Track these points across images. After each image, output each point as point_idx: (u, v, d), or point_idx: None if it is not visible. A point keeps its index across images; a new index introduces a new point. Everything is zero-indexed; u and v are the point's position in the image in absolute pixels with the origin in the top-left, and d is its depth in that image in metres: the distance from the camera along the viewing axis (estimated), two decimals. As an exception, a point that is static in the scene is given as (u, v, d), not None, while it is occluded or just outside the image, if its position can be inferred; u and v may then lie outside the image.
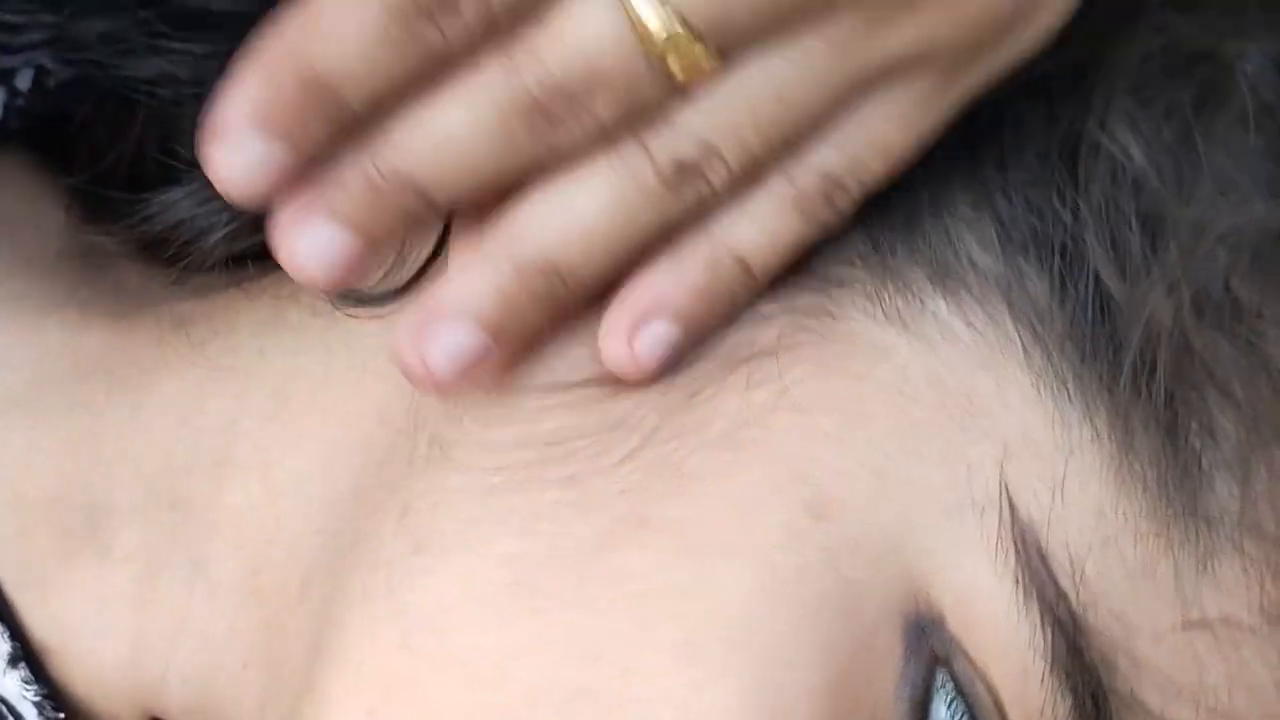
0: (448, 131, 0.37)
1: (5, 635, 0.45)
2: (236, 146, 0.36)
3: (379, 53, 0.35)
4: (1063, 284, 0.40)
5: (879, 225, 0.40)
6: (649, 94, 0.36)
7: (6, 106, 0.50)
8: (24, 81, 0.51)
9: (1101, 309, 0.39)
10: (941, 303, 0.40)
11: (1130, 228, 0.40)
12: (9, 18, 0.47)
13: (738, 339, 0.40)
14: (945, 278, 0.40)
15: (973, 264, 0.40)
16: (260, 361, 0.45)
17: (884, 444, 0.38)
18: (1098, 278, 0.39)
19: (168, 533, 0.45)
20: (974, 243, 0.40)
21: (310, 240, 0.37)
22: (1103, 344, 0.39)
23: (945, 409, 0.39)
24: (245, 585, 0.44)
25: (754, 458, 0.38)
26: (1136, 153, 0.40)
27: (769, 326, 0.40)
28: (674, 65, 0.36)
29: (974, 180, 0.40)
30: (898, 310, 0.40)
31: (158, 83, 0.46)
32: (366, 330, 0.44)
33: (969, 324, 0.39)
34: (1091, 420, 0.39)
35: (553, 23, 0.36)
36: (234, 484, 0.44)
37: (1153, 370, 0.39)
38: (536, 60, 0.36)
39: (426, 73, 0.36)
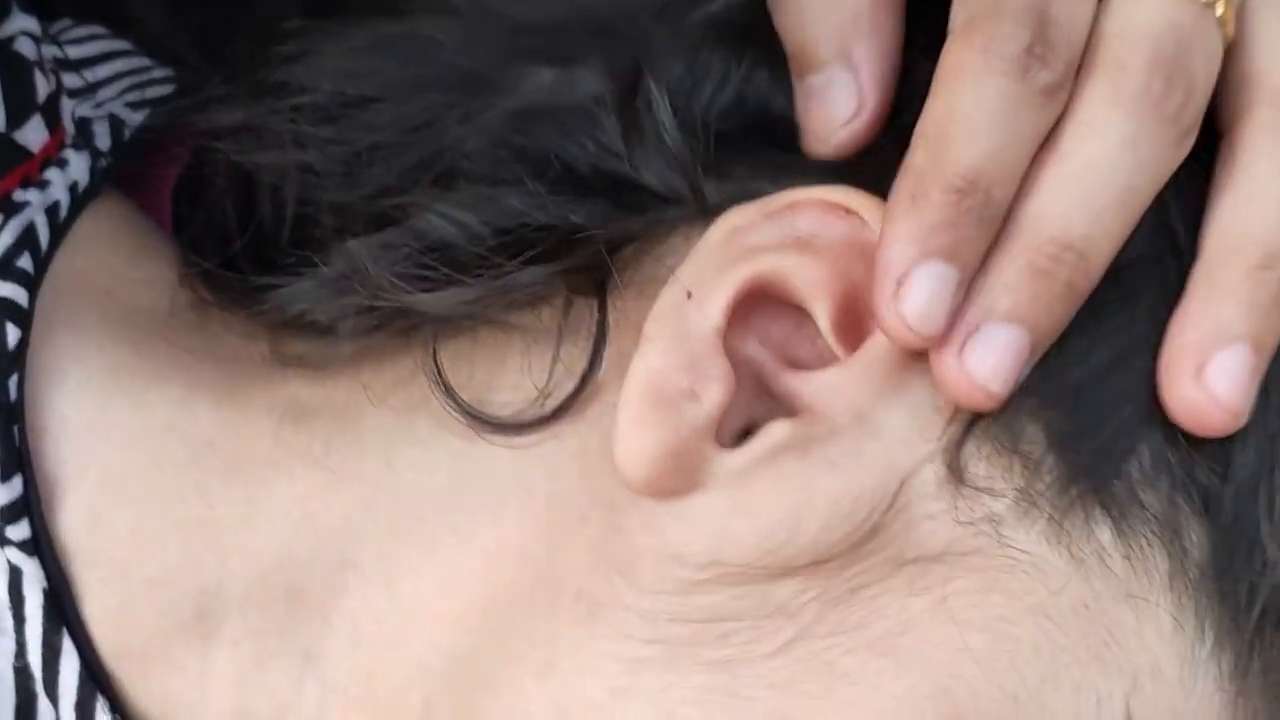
0: (1095, 180, 0.39)
1: (106, 708, 0.46)
2: (915, 285, 0.38)
3: (1013, 125, 0.39)
4: (1216, 525, 0.41)
5: (1078, 450, 0.40)
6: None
7: (92, 170, 0.50)
8: (103, 139, 0.51)
9: (1247, 555, 0.41)
10: (1108, 532, 0.40)
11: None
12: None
13: (907, 537, 0.40)
14: (1112, 506, 0.40)
15: (1139, 500, 0.41)
16: (388, 474, 0.45)
17: (1024, 669, 0.39)
18: (1252, 521, 0.41)
19: (279, 623, 0.45)
20: (1145, 481, 0.41)
21: (987, 353, 0.39)
22: (1244, 588, 0.40)
23: (1086, 639, 0.40)
24: (359, 689, 0.44)
25: (905, 668, 0.39)
26: None
27: (940, 529, 0.40)
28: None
29: (1155, 425, 0.41)
30: (1069, 533, 0.40)
31: (289, 170, 0.47)
32: (500, 458, 0.43)
33: (1126, 556, 0.40)
34: (1219, 663, 0.40)
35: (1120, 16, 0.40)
36: (355, 588, 0.44)
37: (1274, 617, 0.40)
38: (1143, 70, 0.39)
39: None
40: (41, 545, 0.46)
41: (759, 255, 0.41)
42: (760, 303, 0.41)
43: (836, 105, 0.42)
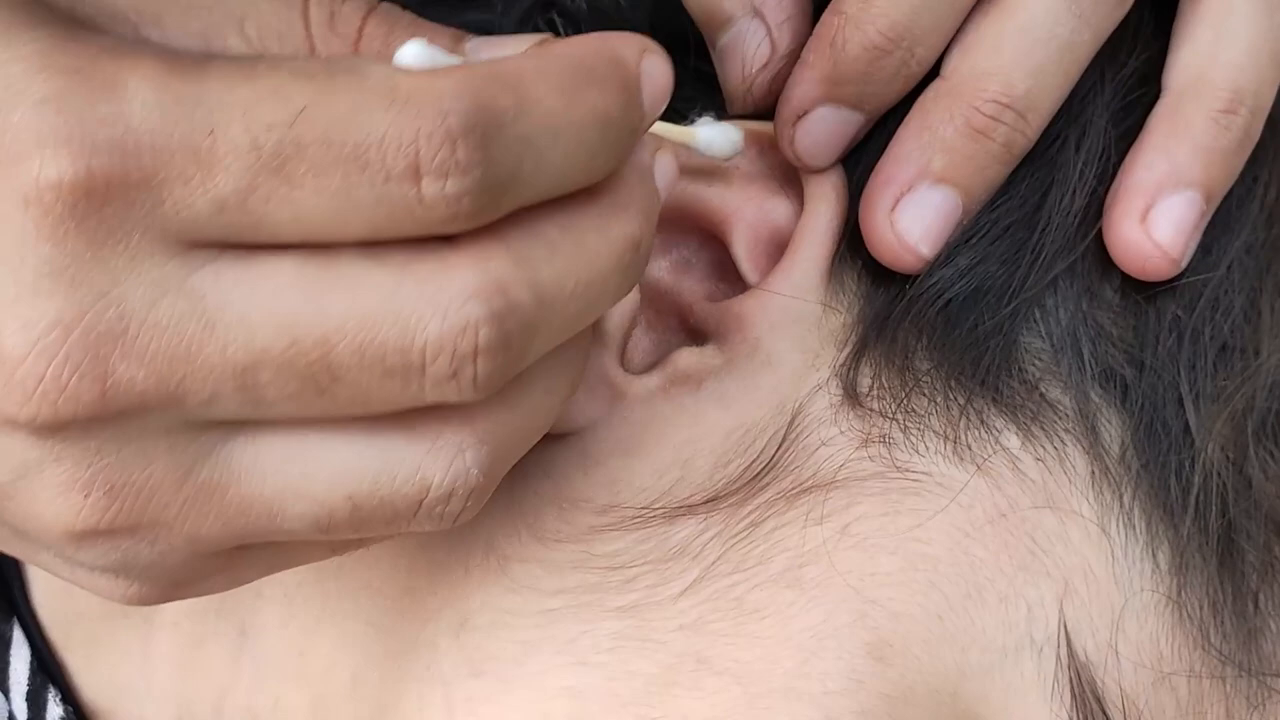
0: (1037, 35, 0.38)
1: (58, 699, 0.46)
2: (812, 120, 0.39)
3: None
4: (1138, 417, 0.39)
5: (960, 361, 0.39)
6: None
7: None
8: None
9: (1174, 441, 0.39)
10: (1014, 438, 0.39)
11: (1205, 357, 0.39)
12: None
13: (801, 466, 0.39)
14: (1018, 412, 0.39)
15: (1047, 401, 0.39)
16: None
17: (945, 587, 0.38)
18: (1177, 408, 0.39)
19: (216, 600, 0.44)
20: (1050, 378, 0.39)
21: (920, 213, 0.39)
22: (1172, 476, 0.39)
23: (1007, 548, 0.38)
24: (290, 664, 0.44)
25: (815, 598, 0.38)
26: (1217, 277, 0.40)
27: (835, 454, 0.39)
28: None
29: (1051, 314, 0.39)
30: (969, 446, 0.39)
31: None
32: None
33: (1039, 459, 0.39)
34: (1154, 555, 0.39)
35: None
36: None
37: (1216, 503, 0.38)
38: None
39: None
40: None
41: (679, 181, 0.40)
42: (683, 232, 0.41)
43: (748, 55, 0.40)
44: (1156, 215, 0.39)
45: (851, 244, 0.40)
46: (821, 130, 0.40)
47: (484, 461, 0.33)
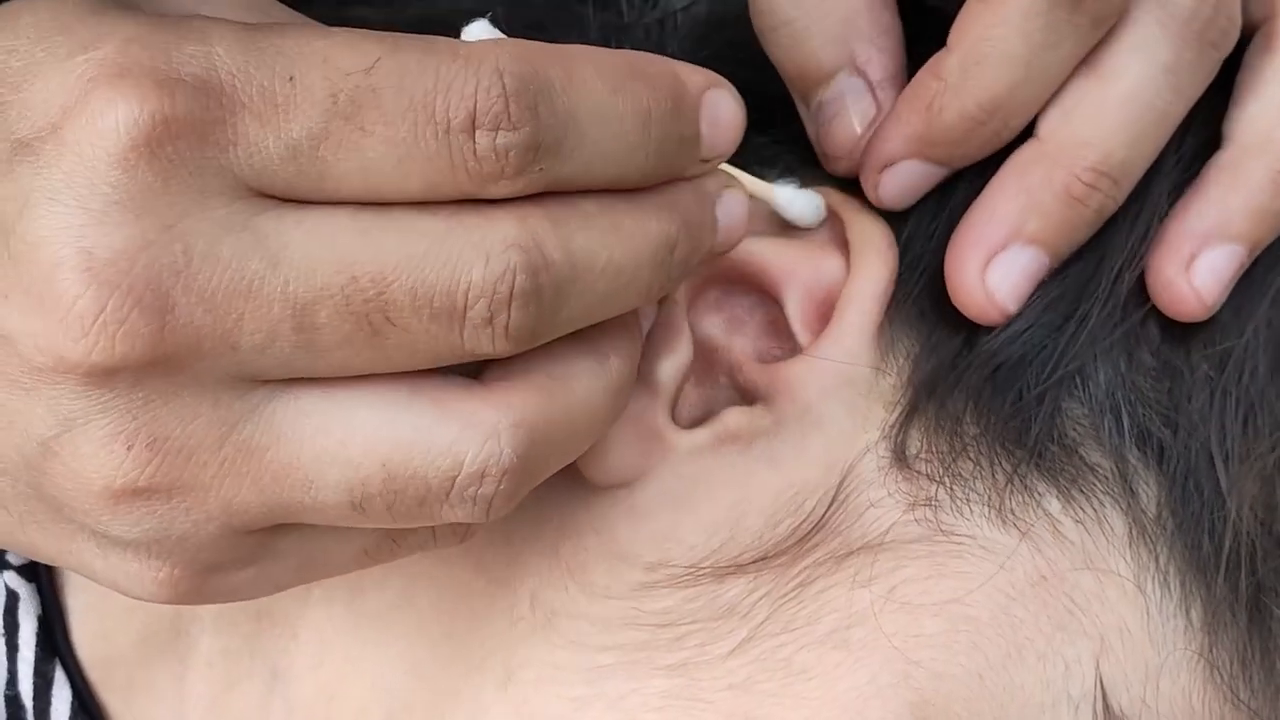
0: (1138, 106, 0.39)
1: None
2: (898, 173, 0.40)
3: (1054, 57, 0.38)
4: (1173, 478, 0.40)
5: (1007, 427, 0.40)
6: None
7: None
8: None
9: (1206, 501, 0.40)
10: (1056, 501, 0.40)
11: (1235, 417, 0.40)
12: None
13: (850, 528, 0.40)
14: (1059, 476, 0.40)
15: (1088, 465, 0.40)
16: None
17: (986, 647, 0.39)
18: (1210, 468, 0.40)
19: (250, 641, 0.45)
20: (1090, 443, 0.40)
21: (1010, 272, 0.39)
22: (1205, 535, 0.40)
23: (1047, 609, 0.39)
24: (320, 708, 0.44)
25: (861, 659, 0.39)
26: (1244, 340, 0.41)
27: (883, 516, 0.40)
28: None
29: (1092, 378, 0.40)
30: (1013, 510, 0.40)
31: None
32: None
33: (1079, 522, 0.40)
34: (1187, 612, 0.40)
35: None
36: (319, 602, 0.44)
37: (1246, 562, 0.40)
38: None
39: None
40: (39, 570, 0.47)
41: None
42: (736, 288, 0.42)
43: (853, 115, 0.41)
44: (1200, 264, 0.40)
45: (904, 305, 0.41)
46: (906, 181, 0.40)
47: (519, 445, 0.34)
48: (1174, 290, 0.40)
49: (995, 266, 0.40)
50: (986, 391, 0.40)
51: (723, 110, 0.36)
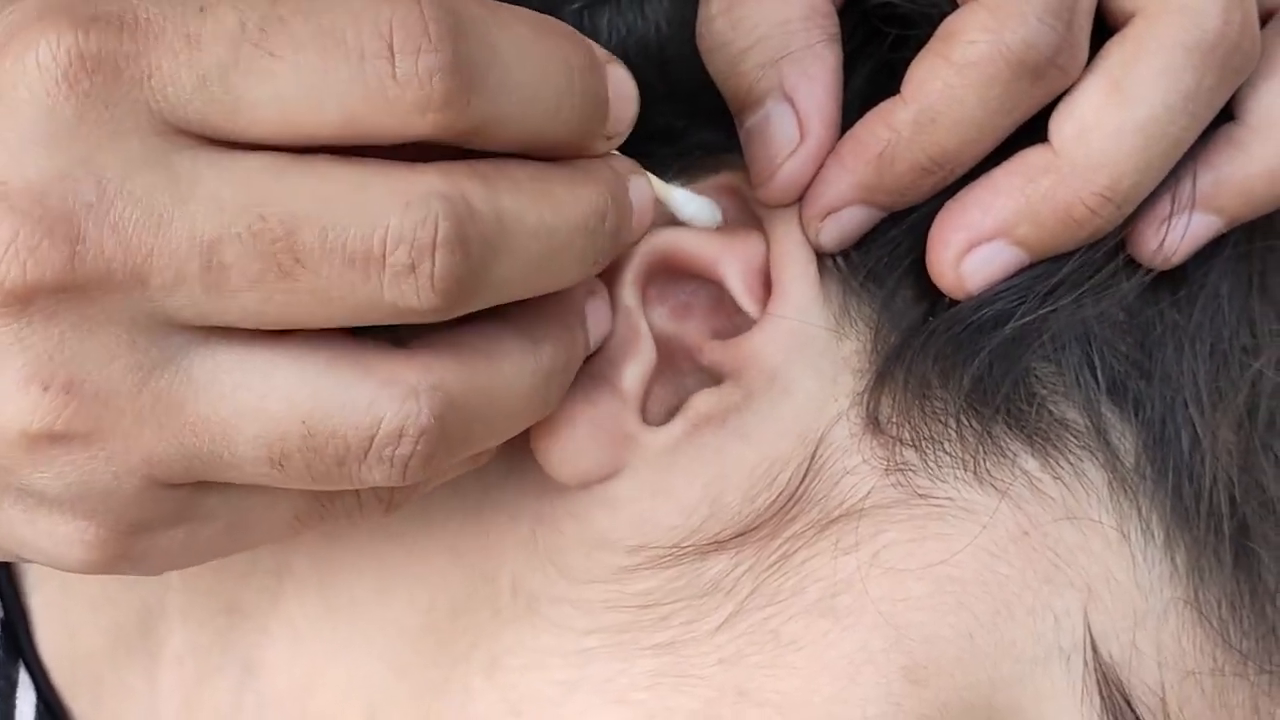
0: (1156, 132, 0.38)
1: None
2: (843, 217, 0.40)
3: (1008, 119, 0.38)
4: (1149, 426, 0.40)
5: (974, 389, 0.40)
6: None
7: None
8: None
9: (1183, 447, 0.40)
10: (1032, 460, 0.40)
11: (1205, 360, 0.40)
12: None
13: (828, 496, 0.39)
14: (1033, 434, 0.40)
15: (1061, 421, 0.40)
16: None
17: (973, 605, 0.39)
18: (1185, 414, 0.40)
19: (221, 636, 0.45)
20: (1061, 399, 0.40)
21: (988, 265, 0.39)
22: (1184, 481, 0.40)
23: (1032, 563, 0.39)
24: (296, 703, 0.44)
25: (850, 626, 0.39)
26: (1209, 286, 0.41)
27: (860, 483, 0.40)
28: None
29: (1059, 336, 0.40)
30: (989, 471, 0.39)
31: None
32: None
33: (1057, 478, 0.40)
34: (1172, 559, 0.40)
35: None
36: (292, 593, 0.44)
37: (1226, 506, 0.39)
38: (1219, 14, 0.38)
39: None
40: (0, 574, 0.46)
41: (654, 233, 0.40)
42: (677, 278, 0.41)
43: (776, 141, 0.40)
44: (1177, 227, 0.40)
45: (860, 271, 0.41)
46: (849, 225, 0.40)
47: (435, 407, 0.34)
48: (1144, 248, 0.40)
49: (975, 254, 0.39)
50: (952, 354, 0.40)
51: (623, 84, 0.37)
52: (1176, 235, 0.40)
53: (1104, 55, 0.39)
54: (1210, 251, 0.41)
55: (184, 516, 0.35)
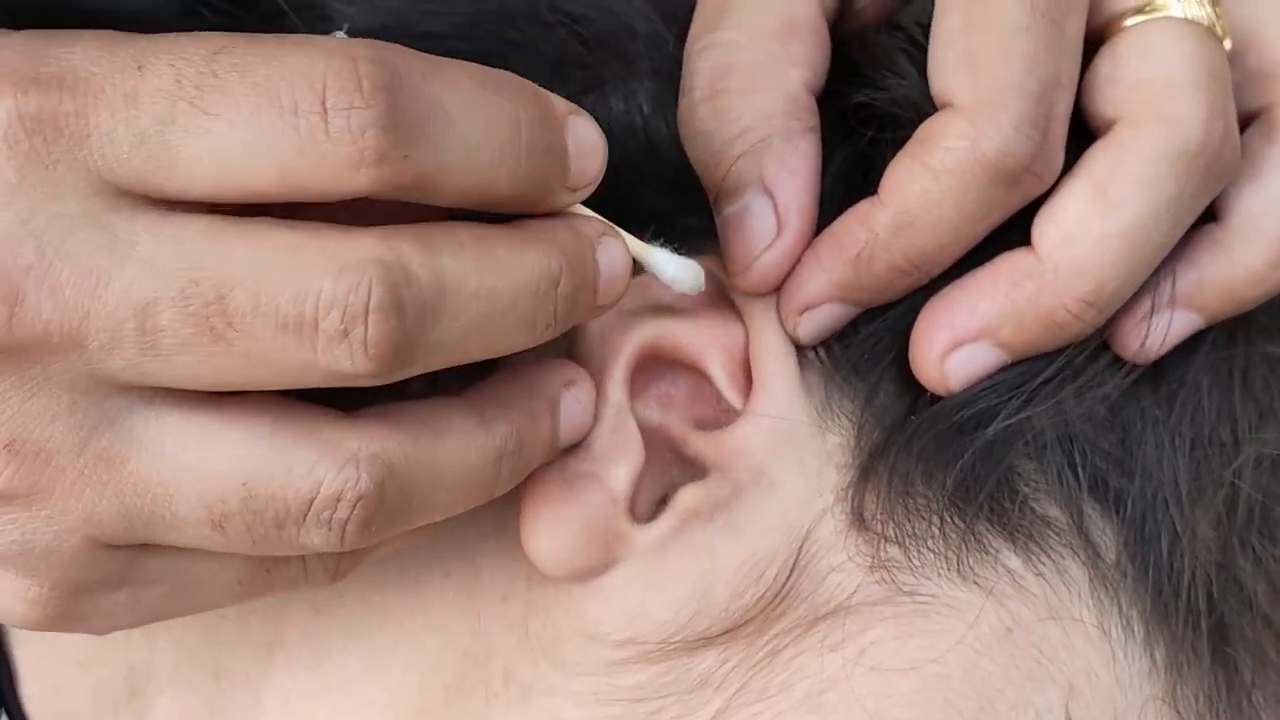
0: (1139, 239, 0.39)
1: None
2: (820, 314, 0.40)
3: (984, 223, 0.39)
4: (1129, 523, 0.41)
5: (957, 487, 0.40)
6: None
7: None
8: None
9: (1163, 543, 0.40)
10: (1014, 557, 0.40)
11: (1185, 456, 0.41)
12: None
13: (814, 594, 0.40)
14: (1015, 532, 0.40)
15: (1043, 519, 0.40)
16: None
17: (958, 702, 0.39)
18: (1164, 510, 0.40)
19: (210, 702, 0.45)
20: (1044, 497, 0.41)
21: (970, 365, 0.40)
22: (1163, 577, 0.40)
23: (1015, 660, 0.40)
24: None
25: None
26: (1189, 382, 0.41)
27: (846, 580, 0.40)
28: None
29: (1041, 435, 0.40)
30: (972, 569, 0.40)
31: None
32: (415, 540, 0.43)
33: (1039, 574, 0.40)
34: (1151, 654, 0.40)
35: None
36: (283, 666, 0.44)
37: (1204, 602, 0.40)
38: (1200, 123, 0.38)
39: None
40: None
41: (643, 322, 0.41)
42: (657, 367, 0.41)
43: (754, 232, 0.40)
44: (1158, 325, 0.41)
45: (843, 366, 0.41)
46: (826, 321, 0.41)
47: (375, 474, 0.34)
48: (1125, 345, 0.41)
49: (958, 354, 0.40)
50: (936, 452, 0.40)
51: (586, 135, 0.37)
52: (1159, 334, 0.40)
53: (1087, 161, 0.39)
54: (1191, 348, 0.41)
55: (126, 579, 0.36)
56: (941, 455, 0.40)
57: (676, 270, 0.39)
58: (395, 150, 0.33)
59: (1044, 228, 0.39)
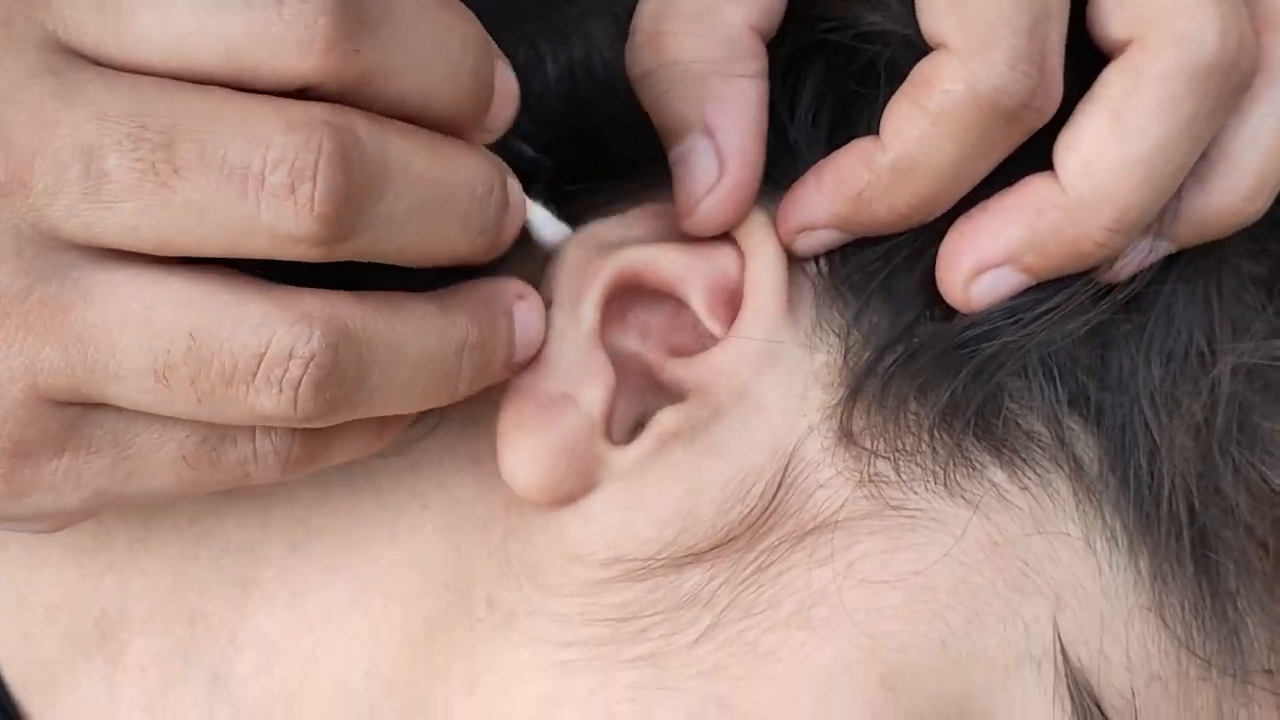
0: (1160, 163, 0.39)
1: None
2: (817, 236, 0.41)
3: (986, 161, 0.39)
4: (1110, 435, 0.41)
5: (949, 404, 0.40)
6: None
7: None
8: None
9: (1143, 454, 0.41)
10: (1000, 473, 0.40)
11: (1160, 368, 0.41)
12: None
13: (802, 509, 0.40)
14: (1001, 447, 0.40)
15: (1028, 434, 0.41)
16: (282, 490, 0.44)
17: (946, 615, 0.39)
18: (1143, 421, 0.41)
19: (184, 645, 0.44)
20: (1028, 412, 0.41)
21: (994, 290, 0.40)
22: (1144, 487, 0.41)
23: (1002, 573, 0.40)
24: (281, 711, 0.43)
25: (826, 637, 0.39)
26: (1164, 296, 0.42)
27: (834, 495, 0.40)
28: None
29: (1027, 352, 0.41)
30: (959, 483, 0.40)
31: None
32: (394, 469, 0.43)
33: (1024, 489, 0.40)
34: (1136, 564, 0.41)
35: None
36: (261, 606, 0.44)
37: (1185, 511, 0.41)
38: (1215, 39, 0.38)
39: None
40: None
41: (623, 251, 0.41)
42: (636, 296, 0.42)
43: (696, 174, 0.40)
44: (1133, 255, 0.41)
45: (840, 283, 0.41)
46: (824, 240, 0.41)
47: (329, 335, 0.34)
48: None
49: (983, 279, 0.40)
50: (933, 371, 0.40)
51: (508, 83, 0.37)
52: (1133, 261, 0.41)
53: (1103, 85, 0.39)
54: (1166, 265, 0.42)
55: (68, 443, 0.35)
56: (937, 374, 0.40)
57: (550, 232, 0.41)
58: (345, 42, 0.33)
59: (1065, 155, 0.39)
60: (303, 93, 0.34)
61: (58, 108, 0.33)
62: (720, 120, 0.40)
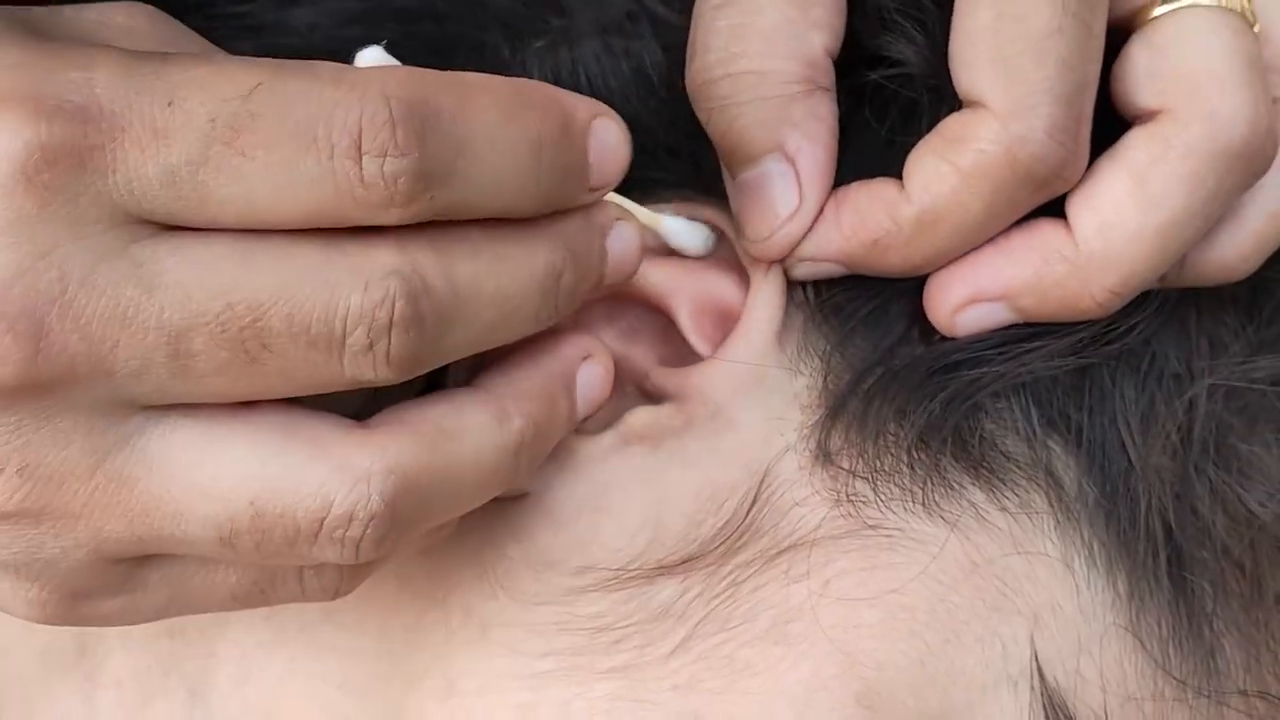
0: (1175, 234, 0.39)
1: None
2: (820, 266, 0.41)
3: (1006, 220, 0.39)
4: (1088, 455, 0.41)
5: (929, 426, 0.40)
6: None
7: None
8: None
9: (1120, 474, 0.41)
10: (979, 493, 0.41)
11: (1138, 390, 0.41)
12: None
13: (777, 526, 0.40)
14: (979, 467, 0.41)
15: (1006, 454, 0.41)
16: None
17: (924, 634, 0.39)
18: (1120, 442, 0.41)
19: (162, 659, 0.44)
20: (1006, 432, 0.41)
21: (980, 322, 0.40)
22: (1121, 507, 0.41)
23: (980, 592, 0.40)
24: None
25: (803, 653, 0.39)
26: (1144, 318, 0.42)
27: (810, 514, 0.40)
28: None
29: (1007, 373, 0.41)
30: (937, 503, 0.40)
31: None
32: None
33: (1003, 509, 0.40)
34: (1114, 584, 0.41)
35: None
36: (236, 619, 0.44)
37: (1161, 532, 0.41)
38: (1242, 122, 0.38)
39: None
40: None
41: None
42: (629, 304, 0.42)
43: (774, 201, 0.40)
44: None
45: (826, 307, 0.42)
46: (822, 273, 0.41)
47: (388, 491, 0.34)
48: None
49: (973, 310, 0.40)
50: (912, 394, 0.40)
51: (610, 139, 0.37)
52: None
53: (1127, 148, 0.39)
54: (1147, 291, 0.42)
55: (126, 588, 0.36)
56: (917, 395, 0.40)
57: (687, 237, 0.40)
58: (424, 195, 0.33)
59: (1081, 211, 0.39)
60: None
61: (137, 294, 0.32)
62: (803, 146, 0.40)
